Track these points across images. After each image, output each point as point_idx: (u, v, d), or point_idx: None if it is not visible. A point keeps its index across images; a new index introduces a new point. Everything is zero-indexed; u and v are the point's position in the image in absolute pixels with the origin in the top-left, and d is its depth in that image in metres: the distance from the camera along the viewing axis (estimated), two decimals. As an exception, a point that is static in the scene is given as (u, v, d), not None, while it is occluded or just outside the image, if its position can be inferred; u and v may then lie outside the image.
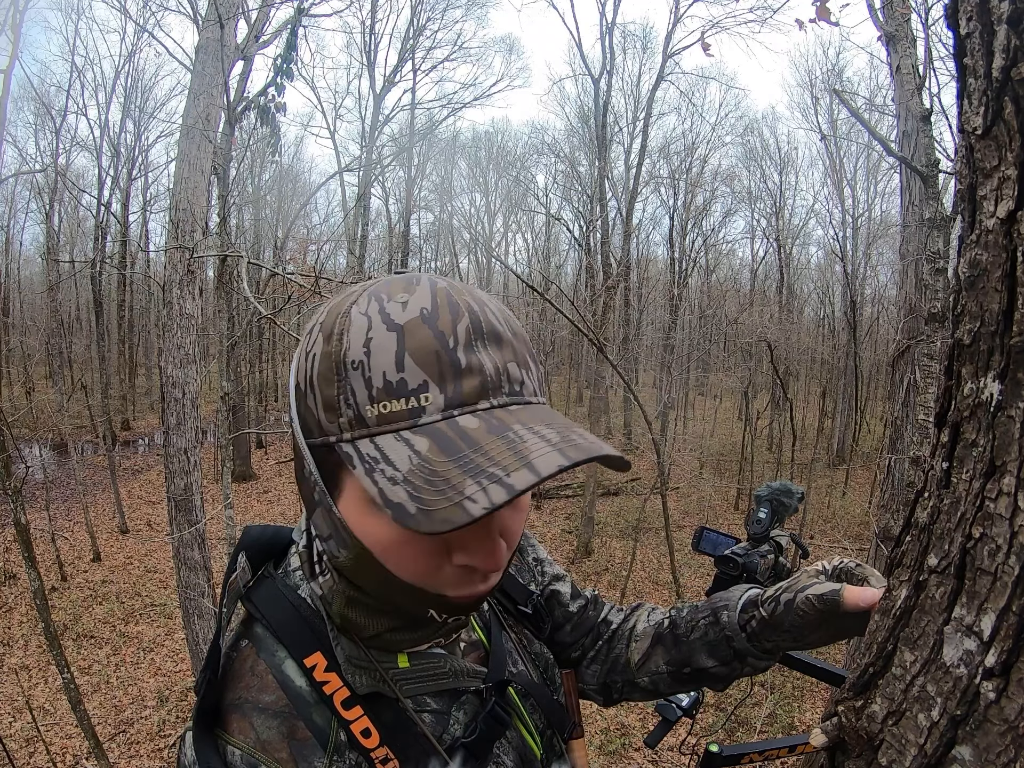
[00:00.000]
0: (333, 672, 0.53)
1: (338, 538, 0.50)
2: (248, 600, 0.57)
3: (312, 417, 0.46)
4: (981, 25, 0.48)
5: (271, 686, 0.52)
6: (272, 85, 4.32)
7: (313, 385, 0.46)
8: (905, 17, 3.76)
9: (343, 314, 0.46)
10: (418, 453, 0.41)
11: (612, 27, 15.08)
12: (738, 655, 0.70)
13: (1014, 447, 0.48)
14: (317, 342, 0.46)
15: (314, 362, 0.46)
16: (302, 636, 0.54)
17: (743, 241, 25.50)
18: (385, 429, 0.43)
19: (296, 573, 0.58)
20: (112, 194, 18.50)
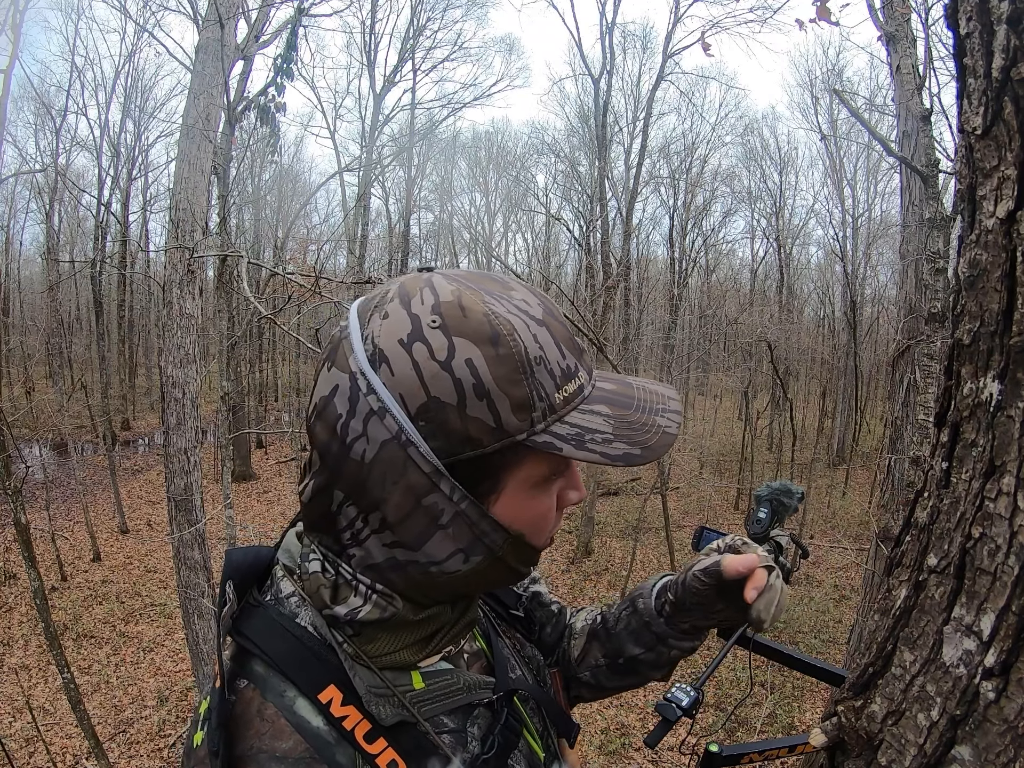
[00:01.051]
0: (351, 705, 0.49)
1: (476, 547, 0.49)
2: (239, 634, 0.52)
3: (481, 426, 0.45)
4: (981, 25, 0.48)
5: (285, 731, 0.47)
6: (272, 85, 4.33)
7: (487, 391, 0.44)
8: (905, 17, 3.76)
9: (489, 315, 0.46)
10: (607, 416, 0.49)
11: (612, 27, 15.09)
12: (660, 639, 0.73)
13: (1014, 447, 0.48)
14: (463, 347, 0.44)
15: (479, 368, 0.44)
16: (311, 670, 0.50)
17: (743, 241, 25.51)
18: (569, 409, 0.48)
19: (291, 600, 0.53)
20: (112, 194, 18.53)
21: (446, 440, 0.45)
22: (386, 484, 0.47)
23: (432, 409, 0.44)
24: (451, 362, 0.44)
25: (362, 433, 0.46)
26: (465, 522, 0.48)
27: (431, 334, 0.45)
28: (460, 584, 0.52)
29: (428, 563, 0.50)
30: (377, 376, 0.45)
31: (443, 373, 0.44)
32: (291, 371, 25.33)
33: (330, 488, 0.50)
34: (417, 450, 0.45)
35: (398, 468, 0.46)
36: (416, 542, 0.49)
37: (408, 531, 0.49)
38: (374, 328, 0.47)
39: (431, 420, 0.45)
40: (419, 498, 0.47)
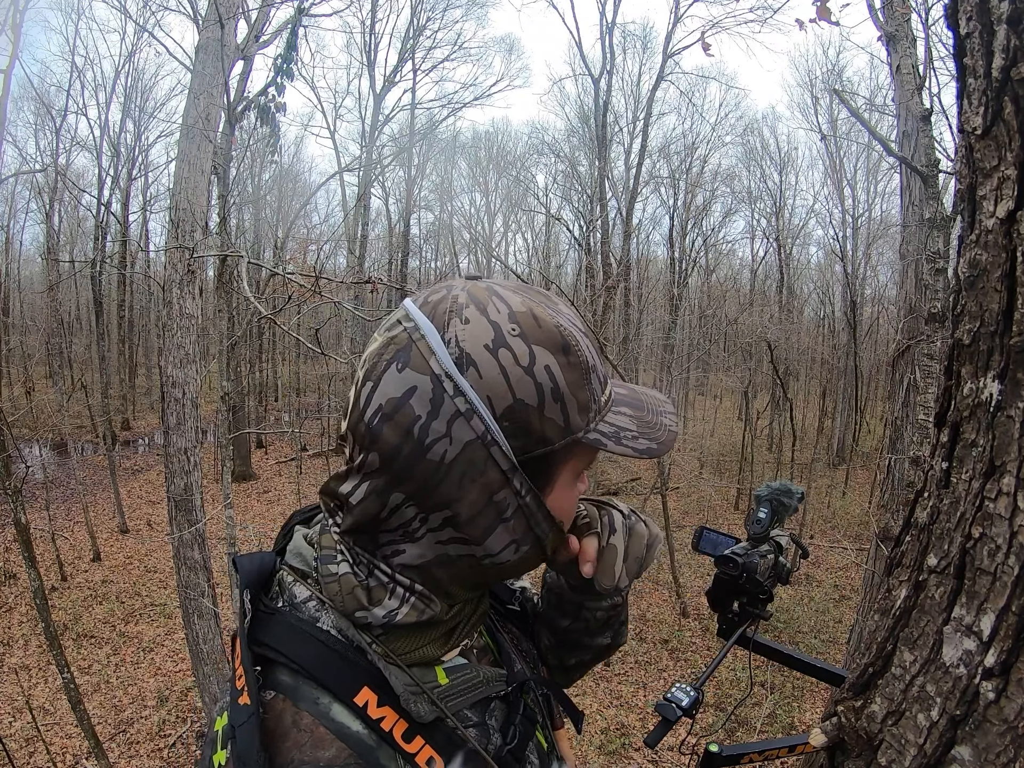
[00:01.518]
0: (387, 706, 0.49)
1: (527, 537, 0.53)
2: (257, 643, 0.50)
3: (554, 426, 0.49)
4: (981, 25, 0.48)
5: (326, 739, 0.46)
6: (272, 85, 4.33)
7: (561, 395, 0.49)
8: (905, 17, 3.76)
9: (559, 327, 0.50)
10: (630, 416, 0.56)
11: (612, 27, 15.09)
12: (577, 606, 0.76)
13: (1014, 447, 0.48)
14: (542, 355, 0.48)
15: (555, 374, 0.49)
16: (343, 673, 0.49)
17: (743, 241, 25.53)
18: (608, 411, 0.55)
19: (309, 604, 0.53)
20: (112, 194, 18.54)
21: (525, 439, 0.49)
22: (463, 483, 0.48)
23: (517, 411, 0.48)
24: (533, 368, 0.48)
25: (445, 434, 0.47)
26: (524, 514, 0.51)
27: (513, 341, 0.48)
28: (503, 572, 0.55)
29: (484, 556, 0.52)
30: (465, 379, 0.47)
31: (527, 378, 0.48)
32: (291, 371, 25.33)
33: (389, 489, 0.50)
34: (500, 449, 0.48)
35: (479, 467, 0.48)
36: (481, 537, 0.51)
37: (477, 527, 0.50)
38: (456, 332, 0.48)
39: (515, 421, 0.48)
40: (492, 495, 0.49)
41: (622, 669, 7.39)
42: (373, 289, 3.68)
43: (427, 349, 0.47)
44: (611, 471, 15.95)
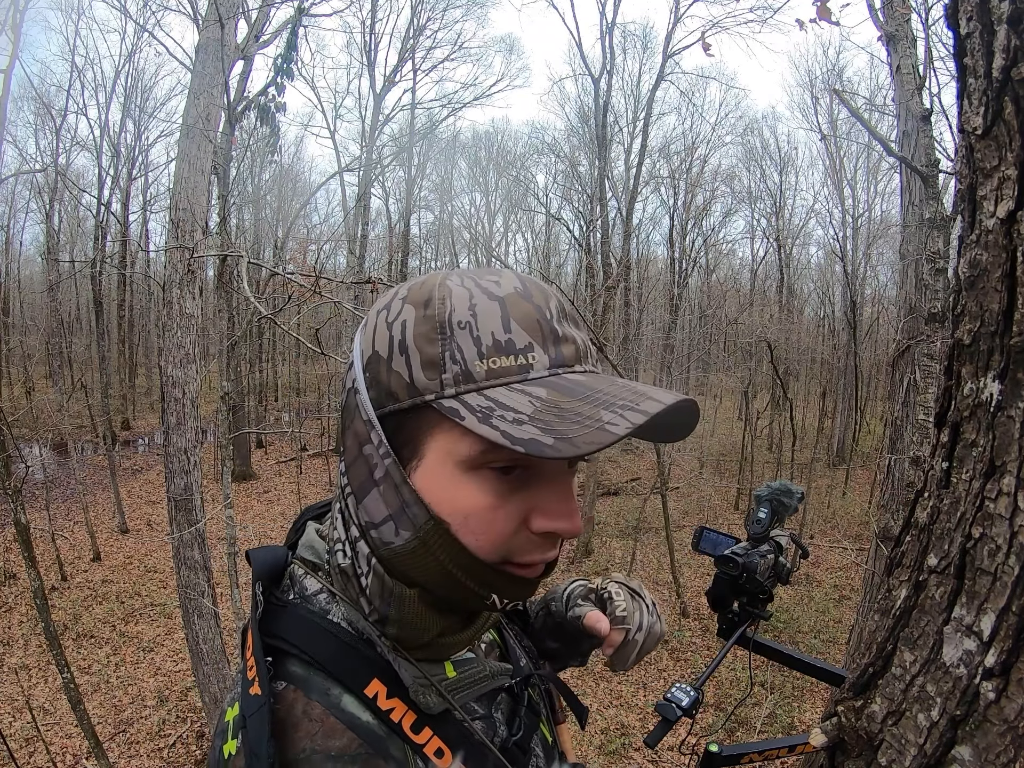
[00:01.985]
0: (396, 697, 0.50)
1: (402, 518, 0.48)
2: (269, 634, 0.51)
3: (399, 380, 0.47)
4: (981, 25, 0.48)
5: (337, 729, 0.46)
6: (272, 85, 4.33)
7: (407, 347, 0.46)
8: (905, 17, 3.76)
9: (439, 286, 0.48)
10: (539, 398, 0.44)
11: (612, 27, 15.08)
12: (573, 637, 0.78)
13: (1014, 447, 0.48)
14: (405, 311, 0.48)
15: (407, 326, 0.47)
16: (353, 665, 0.50)
17: (743, 241, 25.54)
18: (495, 383, 0.45)
19: (320, 597, 0.53)
20: (112, 194, 18.53)
21: (377, 390, 0.48)
22: (346, 429, 0.51)
23: (372, 361, 0.49)
24: (393, 322, 0.48)
25: (347, 385, 0.52)
26: (391, 483, 0.48)
27: (394, 303, 0.49)
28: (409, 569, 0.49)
29: (369, 524, 0.50)
30: (359, 336, 0.51)
31: (386, 331, 0.48)
32: (291, 371, 25.33)
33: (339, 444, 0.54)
34: (359, 397, 0.49)
35: (351, 413, 0.51)
36: (359, 493, 0.50)
37: (355, 477, 0.51)
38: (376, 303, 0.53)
39: (371, 371, 0.49)
40: (361, 446, 0.50)
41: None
42: (373, 289, 3.68)
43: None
44: (611, 471, 15.95)
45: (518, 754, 0.56)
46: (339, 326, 17.24)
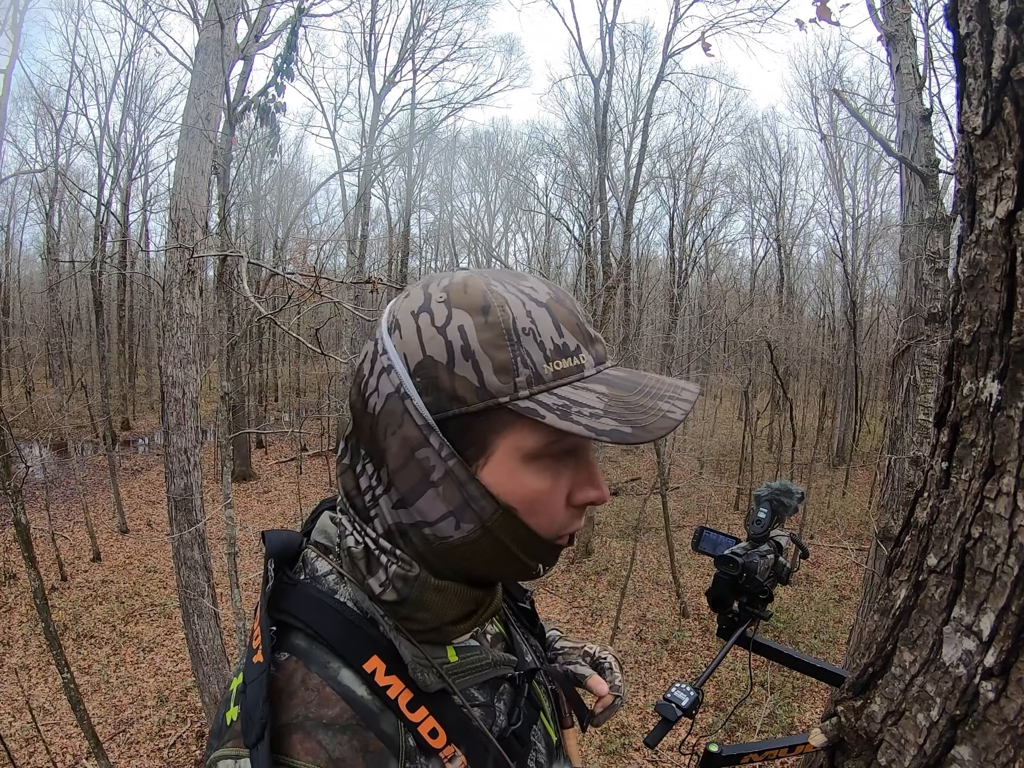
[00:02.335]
0: (394, 675, 0.51)
1: (465, 512, 0.51)
2: (278, 610, 0.53)
3: (466, 385, 0.48)
4: (981, 25, 0.48)
5: (331, 699, 0.48)
6: (272, 85, 4.33)
7: (472, 352, 0.48)
8: (905, 17, 3.76)
9: (489, 292, 0.50)
10: (603, 394, 0.50)
11: (612, 27, 15.08)
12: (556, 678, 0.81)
13: (1013, 447, 0.48)
14: (458, 315, 0.49)
15: (467, 332, 0.49)
16: (354, 641, 0.52)
17: (743, 241, 25.53)
18: (560, 383, 0.50)
19: (329, 578, 0.55)
20: (112, 194, 18.52)
21: (436, 396, 0.49)
22: (387, 434, 0.51)
23: (426, 367, 0.49)
24: (446, 328, 0.49)
25: (375, 388, 0.52)
26: (454, 482, 0.50)
27: (436, 307, 0.50)
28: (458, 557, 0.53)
29: (422, 523, 0.52)
30: (390, 340, 0.51)
31: (438, 336, 0.49)
32: (291, 371, 25.34)
33: (357, 445, 0.54)
34: (412, 402, 0.50)
35: (397, 419, 0.51)
36: (410, 496, 0.52)
37: (404, 482, 0.52)
38: (396, 305, 0.53)
39: (425, 376, 0.49)
40: (413, 450, 0.50)
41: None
42: (373, 289, 3.68)
43: (379, 322, 0.54)
44: (611, 471, 15.94)
45: (516, 744, 0.57)
46: (339, 326, 17.25)
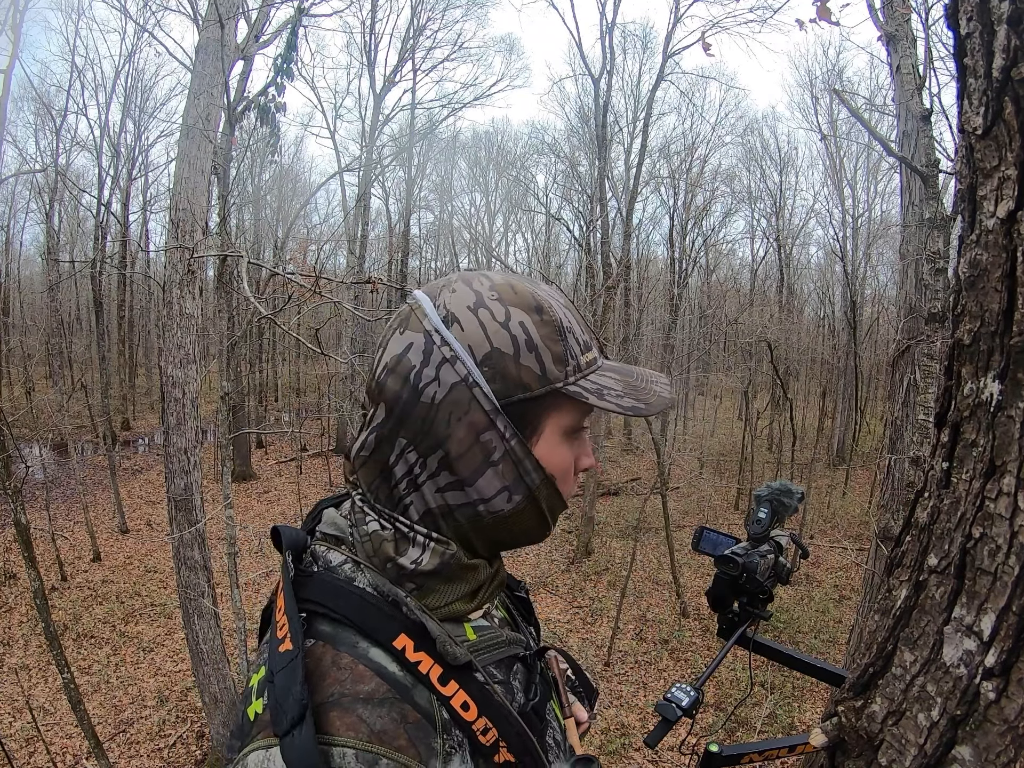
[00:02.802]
0: (422, 651, 0.53)
1: (518, 485, 0.58)
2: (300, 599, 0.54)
3: (530, 373, 0.56)
4: (981, 25, 0.48)
5: (366, 675, 0.49)
6: (272, 85, 4.32)
7: (535, 345, 0.56)
8: (905, 17, 3.76)
9: (536, 294, 0.58)
10: (617, 379, 0.61)
11: (612, 27, 15.07)
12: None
13: (1014, 447, 0.48)
14: (516, 313, 0.56)
15: (528, 328, 0.56)
16: (381, 621, 0.53)
17: (743, 241, 25.52)
18: (589, 371, 0.60)
19: (345, 567, 0.57)
20: (112, 194, 18.51)
21: (503, 384, 0.55)
22: (451, 421, 0.55)
23: (494, 358, 0.55)
24: (508, 323, 0.55)
25: (434, 378, 0.55)
26: (512, 459, 0.57)
27: (492, 304, 0.56)
28: (501, 528, 0.59)
29: (478, 501, 0.57)
30: (450, 332, 0.55)
31: (503, 331, 0.55)
32: (291, 371, 25.34)
33: (393, 436, 0.56)
34: (481, 390, 0.54)
35: (463, 406, 0.55)
36: (471, 477, 0.56)
37: (466, 465, 0.56)
38: (445, 299, 0.57)
39: (493, 366, 0.55)
40: (478, 434, 0.55)
41: (622, 669, 7.39)
42: (373, 289, 3.68)
43: (422, 313, 0.57)
44: (611, 471, 15.95)
45: (535, 719, 0.59)
46: (339, 326, 17.25)
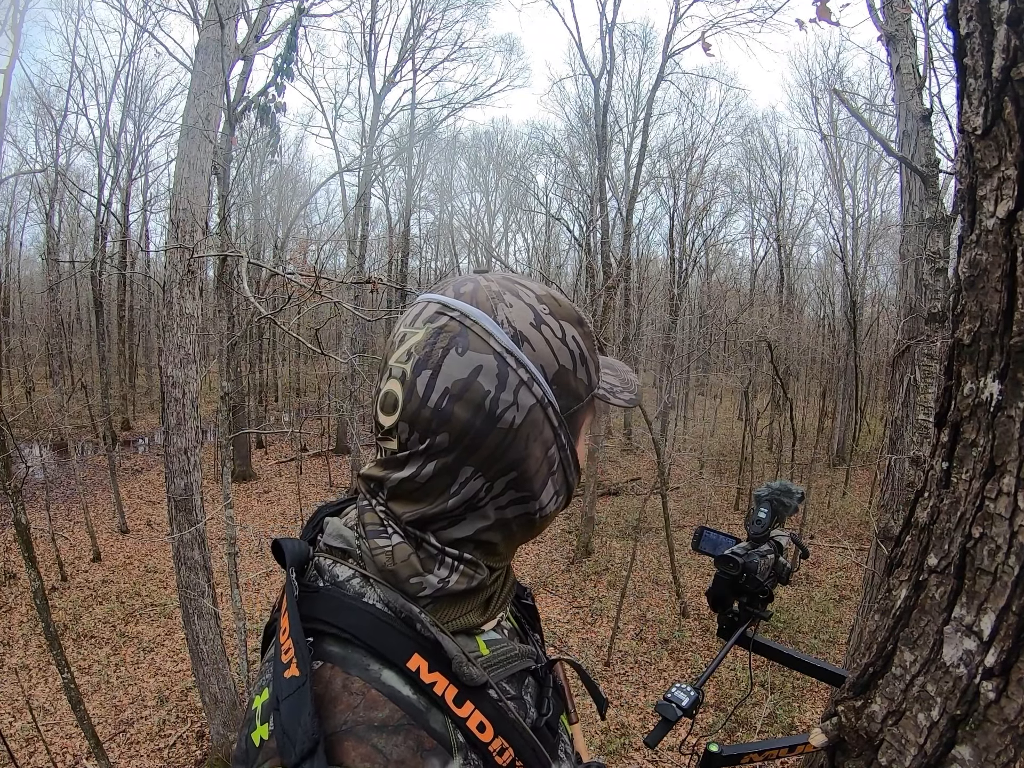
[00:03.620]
0: (437, 671, 0.50)
1: (564, 486, 0.60)
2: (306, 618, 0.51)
3: (583, 385, 0.58)
4: (981, 25, 0.48)
5: (379, 700, 0.47)
6: (272, 85, 4.33)
7: (585, 359, 0.58)
8: (905, 17, 3.76)
9: (572, 305, 0.60)
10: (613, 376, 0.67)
11: (612, 27, 15.07)
12: None
13: (1014, 447, 0.48)
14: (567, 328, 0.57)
15: (579, 342, 0.58)
16: (393, 641, 0.51)
17: (743, 241, 25.52)
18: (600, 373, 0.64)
19: (353, 582, 0.54)
20: (112, 194, 18.50)
21: (567, 399, 0.56)
22: (529, 443, 0.54)
23: (561, 375, 0.55)
24: (565, 339, 0.56)
25: (512, 403, 0.52)
26: (564, 465, 0.59)
27: (548, 319, 0.56)
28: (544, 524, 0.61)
29: (536, 509, 0.58)
30: (522, 352, 0.53)
31: (564, 348, 0.56)
32: (291, 371, 25.34)
33: (459, 464, 0.53)
34: (553, 409, 0.55)
35: (539, 427, 0.54)
36: (539, 490, 0.57)
37: (537, 482, 0.57)
38: (507, 315, 0.54)
39: (560, 384, 0.55)
40: (547, 451, 0.56)
41: (622, 669, 7.39)
42: (373, 289, 3.68)
43: (484, 332, 0.52)
44: (611, 471, 15.95)
45: (548, 735, 0.59)
46: (339, 326, 17.25)
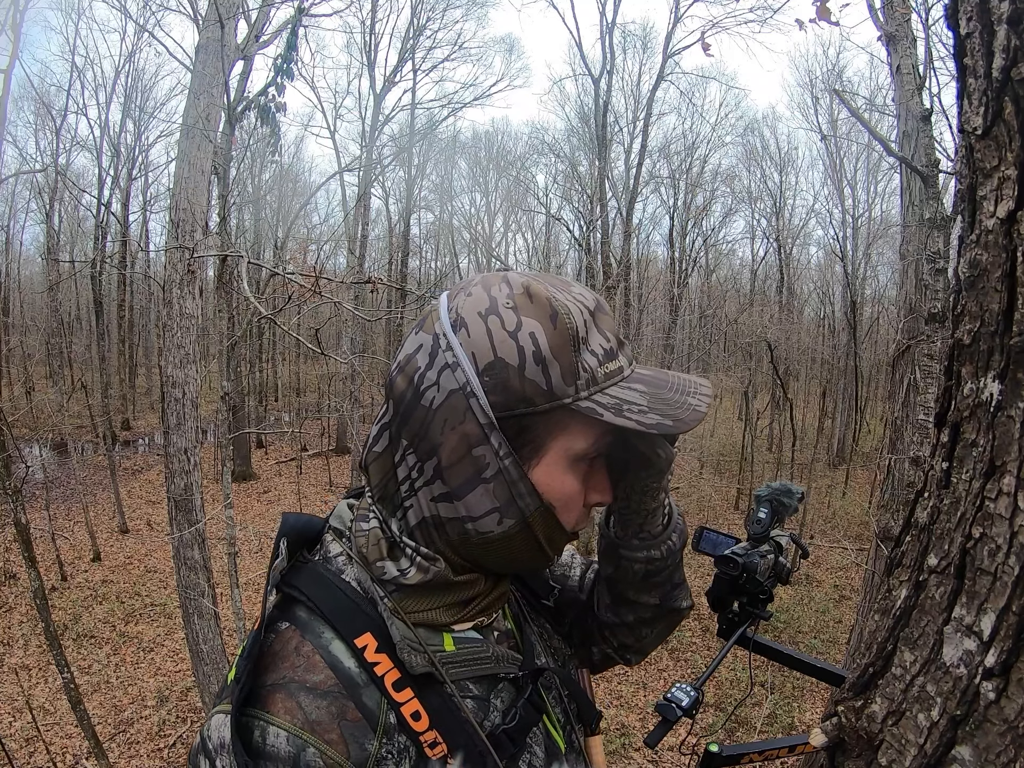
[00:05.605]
0: (383, 653, 0.53)
1: (510, 509, 0.54)
2: (287, 584, 0.57)
3: (535, 387, 0.52)
4: (981, 25, 0.48)
5: (319, 666, 0.51)
6: (272, 85, 4.32)
7: (543, 358, 0.51)
8: (905, 17, 3.76)
9: (553, 300, 0.53)
10: (643, 392, 0.55)
11: (612, 27, 15.07)
12: (614, 551, 0.76)
13: (1014, 447, 0.48)
14: (528, 323, 0.52)
15: (538, 339, 0.52)
16: (351, 617, 0.54)
17: (743, 241, 25.49)
18: (609, 384, 0.54)
19: (338, 559, 0.58)
20: (112, 194, 18.51)
21: (504, 396, 0.52)
22: (445, 429, 0.53)
23: (497, 368, 0.51)
24: (517, 333, 0.52)
25: (435, 382, 0.53)
26: (505, 479, 0.53)
27: (504, 312, 0.52)
28: (491, 551, 0.56)
29: (466, 517, 0.54)
30: (456, 337, 0.53)
31: (510, 340, 0.51)
32: (291, 371, 25.32)
33: (398, 435, 0.55)
34: (477, 401, 0.52)
35: (458, 415, 0.52)
36: (461, 490, 0.54)
37: (456, 477, 0.53)
38: (459, 303, 0.54)
39: (494, 377, 0.51)
40: (471, 447, 0.52)
41: (622, 669, 7.39)
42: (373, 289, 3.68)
43: (436, 315, 0.55)
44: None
45: (506, 743, 0.56)
46: (339, 326, 17.23)
